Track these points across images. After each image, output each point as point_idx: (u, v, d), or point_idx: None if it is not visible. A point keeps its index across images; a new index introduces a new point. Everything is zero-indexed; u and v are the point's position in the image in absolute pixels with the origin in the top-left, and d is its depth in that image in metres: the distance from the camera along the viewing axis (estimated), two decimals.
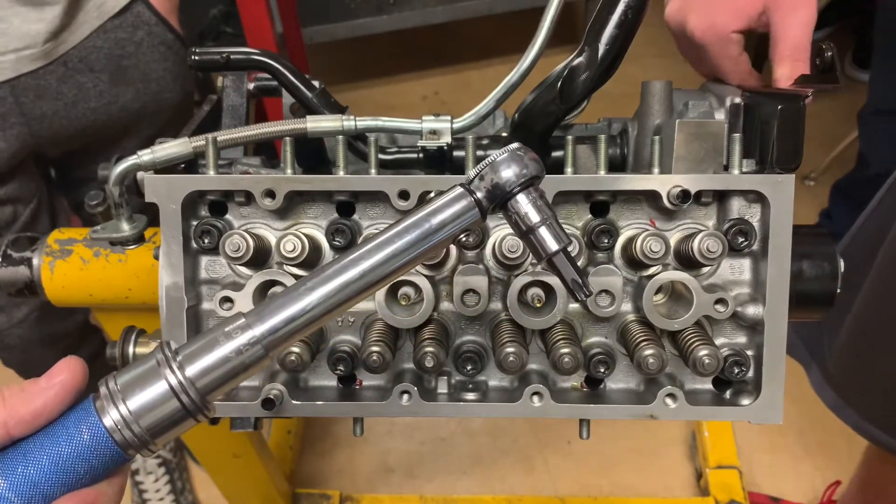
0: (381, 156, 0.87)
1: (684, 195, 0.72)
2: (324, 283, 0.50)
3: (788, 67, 0.81)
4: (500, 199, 0.54)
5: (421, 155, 0.86)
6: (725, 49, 0.86)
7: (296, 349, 0.72)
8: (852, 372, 1.35)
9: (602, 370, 0.76)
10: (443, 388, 0.79)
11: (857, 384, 1.35)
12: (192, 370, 0.47)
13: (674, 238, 0.76)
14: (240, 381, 0.48)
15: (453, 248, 0.77)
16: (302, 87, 0.87)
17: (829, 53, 0.79)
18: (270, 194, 0.74)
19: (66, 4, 1.32)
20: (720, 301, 0.72)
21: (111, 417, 0.47)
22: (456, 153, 0.84)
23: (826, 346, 1.37)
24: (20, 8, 1.28)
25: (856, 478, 1.74)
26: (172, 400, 0.47)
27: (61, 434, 0.48)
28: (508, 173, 0.53)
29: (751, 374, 0.76)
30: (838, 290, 0.79)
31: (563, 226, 0.76)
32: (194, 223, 0.76)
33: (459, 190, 0.54)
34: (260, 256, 0.75)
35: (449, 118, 0.82)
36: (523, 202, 0.54)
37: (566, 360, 0.72)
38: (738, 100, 0.82)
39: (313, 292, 0.49)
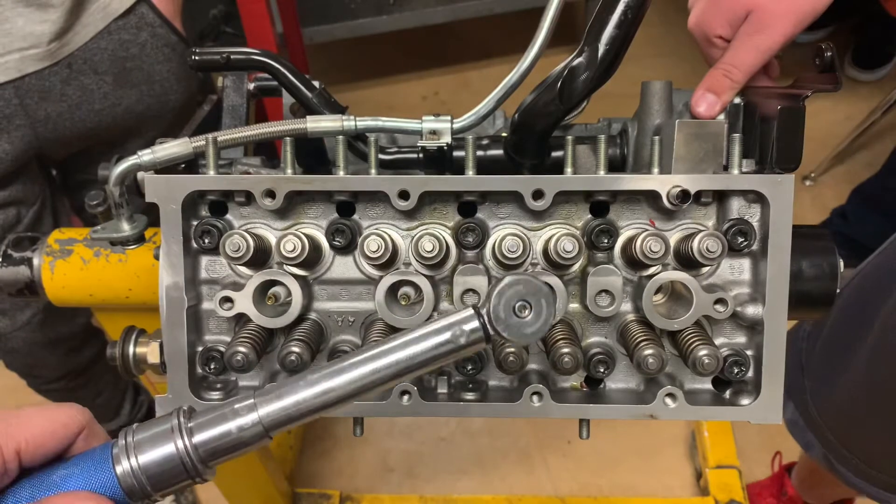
0: (381, 156, 0.88)
1: (684, 195, 0.72)
2: (329, 379, 0.53)
3: (714, 80, 0.80)
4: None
5: (421, 155, 0.86)
6: (708, 49, 0.86)
7: (296, 349, 0.72)
8: (852, 425, 1.34)
9: (602, 370, 0.76)
10: (443, 388, 0.79)
11: (855, 437, 1.35)
12: (199, 438, 0.52)
13: (673, 238, 0.76)
14: (241, 453, 0.53)
15: (453, 248, 0.77)
16: (302, 87, 0.87)
17: (829, 54, 0.79)
18: (270, 194, 0.74)
19: (70, 5, 1.31)
20: (720, 301, 0.73)
21: (122, 467, 0.52)
22: (456, 153, 0.85)
23: (808, 389, 1.37)
24: (23, 9, 1.28)
25: (804, 458, 1.77)
26: (177, 462, 0.52)
27: (76, 473, 0.52)
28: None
29: (750, 374, 0.77)
30: (838, 290, 0.79)
31: (563, 226, 0.76)
32: (194, 223, 0.76)
33: (470, 311, 0.55)
34: (260, 256, 0.75)
35: (449, 118, 0.82)
36: None
37: (566, 359, 0.72)
38: (738, 100, 0.82)
39: (317, 385, 0.53)
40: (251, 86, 0.95)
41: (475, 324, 0.54)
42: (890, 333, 1.20)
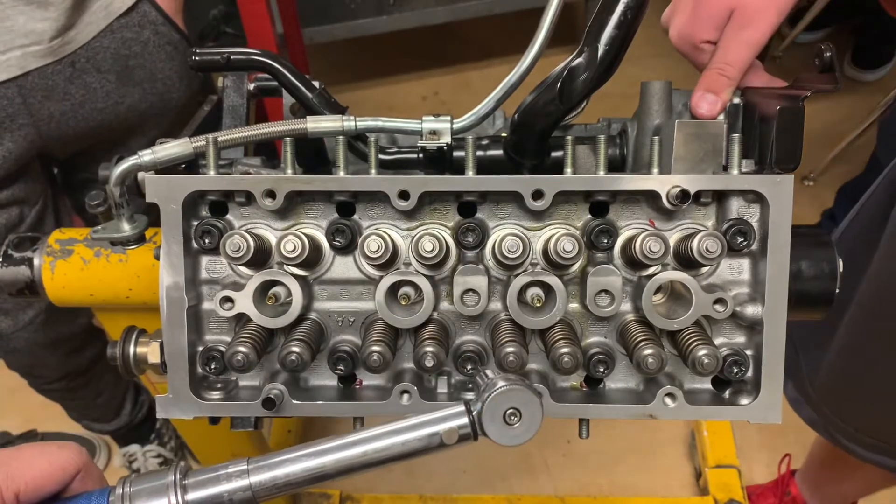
0: (381, 156, 0.88)
1: (683, 195, 0.72)
2: (319, 457, 0.57)
3: (710, 80, 0.80)
4: None
5: (421, 155, 0.86)
6: (697, 56, 0.86)
7: (296, 349, 0.73)
8: (840, 392, 1.37)
9: (601, 370, 0.76)
10: (443, 388, 0.79)
11: (845, 405, 1.37)
12: (191, 496, 0.55)
13: (673, 238, 0.76)
14: None
15: (453, 248, 0.77)
16: (302, 88, 0.87)
17: (828, 54, 0.79)
18: (271, 194, 0.74)
19: (70, 3, 1.31)
20: (719, 301, 0.73)
21: None
22: (456, 153, 0.85)
23: (803, 364, 1.39)
24: (24, 6, 1.28)
25: (815, 455, 1.78)
26: None
27: None
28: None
29: (750, 373, 0.77)
30: (837, 290, 0.79)
31: (563, 226, 0.77)
32: (195, 223, 0.77)
33: (461, 408, 0.58)
34: (260, 256, 0.75)
35: (449, 118, 0.82)
36: None
37: (566, 359, 0.72)
38: (737, 100, 0.82)
39: (308, 461, 0.57)
40: (251, 86, 0.95)
41: (464, 420, 0.57)
42: (867, 304, 1.21)
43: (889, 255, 1.17)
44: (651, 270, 0.76)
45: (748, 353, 0.77)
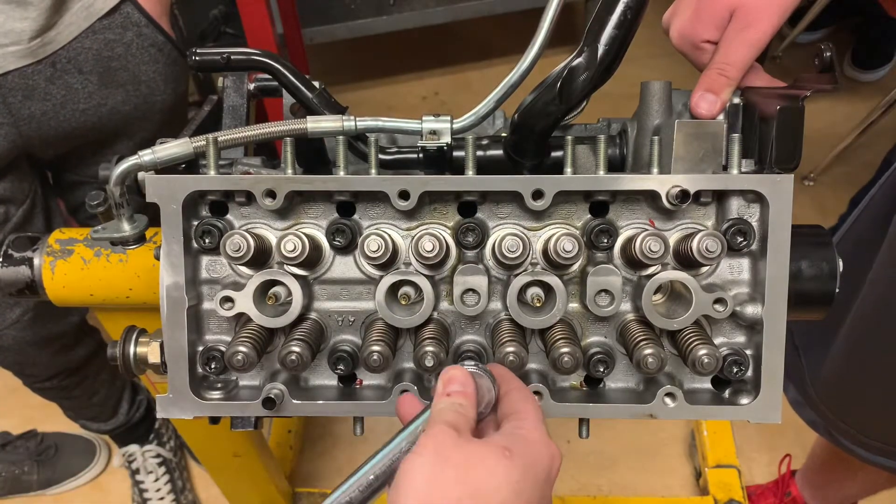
0: (381, 156, 0.88)
1: (683, 195, 0.72)
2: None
3: (710, 79, 0.80)
4: None
5: (421, 155, 0.86)
6: (697, 56, 0.86)
7: (296, 349, 0.73)
8: (843, 394, 1.38)
9: (601, 369, 0.76)
10: None
11: (848, 408, 1.38)
12: None
13: (673, 238, 0.76)
14: None
15: (453, 248, 0.77)
16: (302, 88, 0.87)
17: (828, 54, 0.79)
18: (271, 194, 0.74)
19: (50, 3, 1.30)
20: (719, 301, 0.73)
21: None
22: (456, 153, 0.85)
23: (805, 366, 1.39)
24: (3, 6, 1.27)
25: (816, 456, 1.79)
26: None
27: None
28: None
29: (750, 373, 0.77)
30: (837, 290, 0.79)
31: (563, 226, 0.77)
32: (195, 223, 0.77)
33: None
34: (260, 256, 0.75)
35: (449, 118, 0.82)
36: None
37: (565, 359, 0.72)
38: (736, 100, 0.82)
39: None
40: (251, 86, 0.95)
41: None
42: (868, 308, 1.22)
43: (890, 260, 1.17)
44: (651, 270, 0.76)
45: (748, 352, 0.77)
